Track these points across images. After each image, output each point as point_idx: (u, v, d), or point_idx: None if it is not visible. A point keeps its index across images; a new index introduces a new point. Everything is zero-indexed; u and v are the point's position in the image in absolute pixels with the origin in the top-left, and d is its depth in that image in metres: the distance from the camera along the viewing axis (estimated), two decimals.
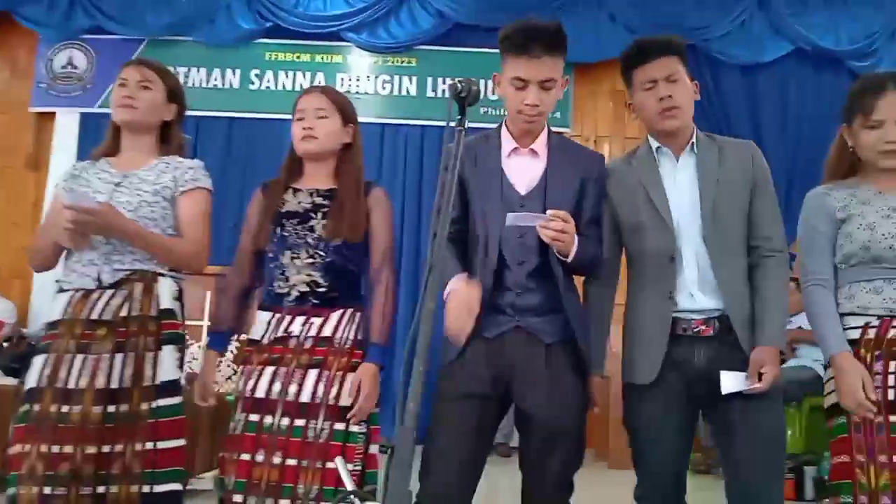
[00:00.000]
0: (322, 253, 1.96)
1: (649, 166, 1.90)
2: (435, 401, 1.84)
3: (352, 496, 1.40)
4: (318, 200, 2.01)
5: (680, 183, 1.87)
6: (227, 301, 2.09)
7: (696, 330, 1.79)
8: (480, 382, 1.80)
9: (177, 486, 1.91)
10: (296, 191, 2.05)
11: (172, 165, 2.10)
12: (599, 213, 1.92)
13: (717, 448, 1.86)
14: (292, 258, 1.97)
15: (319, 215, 1.99)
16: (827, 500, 1.81)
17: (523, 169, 1.90)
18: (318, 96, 2.07)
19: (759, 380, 1.72)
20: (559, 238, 1.73)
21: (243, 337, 2.19)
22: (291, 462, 1.84)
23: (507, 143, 1.92)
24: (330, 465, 1.83)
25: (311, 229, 1.98)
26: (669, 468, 1.81)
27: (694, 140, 1.89)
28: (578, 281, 1.94)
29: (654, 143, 1.92)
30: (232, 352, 3.69)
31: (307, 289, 1.96)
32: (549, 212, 1.73)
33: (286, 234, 1.99)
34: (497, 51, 1.89)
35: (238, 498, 1.84)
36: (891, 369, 1.74)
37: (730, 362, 1.76)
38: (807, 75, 6.40)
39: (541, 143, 1.93)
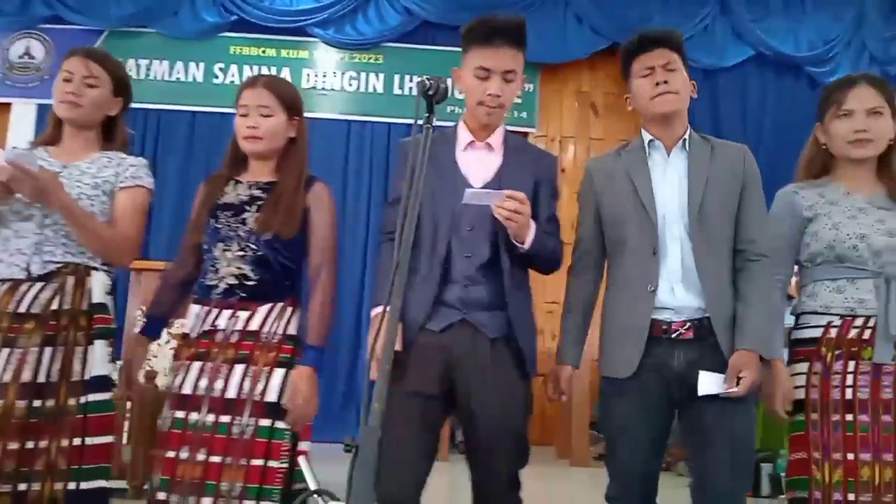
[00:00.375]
0: (253, 246, 1.92)
1: (638, 159, 1.89)
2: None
3: (315, 494, 1.38)
4: (256, 193, 1.98)
5: (668, 178, 1.86)
6: (165, 289, 2.07)
7: (675, 333, 1.77)
8: (427, 380, 1.79)
9: (104, 484, 1.88)
10: (237, 183, 2.02)
11: (115, 161, 2.06)
12: (554, 210, 1.93)
13: (688, 447, 1.87)
14: (224, 250, 1.93)
15: (254, 208, 1.95)
16: (782, 495, 1.84)
17: (479, 163, 1.90)
18: (262, 91, 2.00)
19: (737, 384, 1.72)
20: (513, 218, 1.71)
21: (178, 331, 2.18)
22: (215, 459, 1.81)
23: (464, 136, 1.93)
24: (255, 462, 1.81)
25: (244, 222, 1.94)
26: (643, 469, 1.80)
27: (687, 137, 1.88)
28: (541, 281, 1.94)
29: (647, 137, 1.91)
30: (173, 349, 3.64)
31: (236, 282, 1.92)
32: (505, 191, 1.72)
33: (219, 225, 1.95)
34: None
35: (162, 496, 1.81)
36: (849, 369, 1.78)
37: (709, 365, 1.75)
38: (767, 80, 6.53)
39: (497, 139, 1.93)
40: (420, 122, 1.49)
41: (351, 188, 6.26)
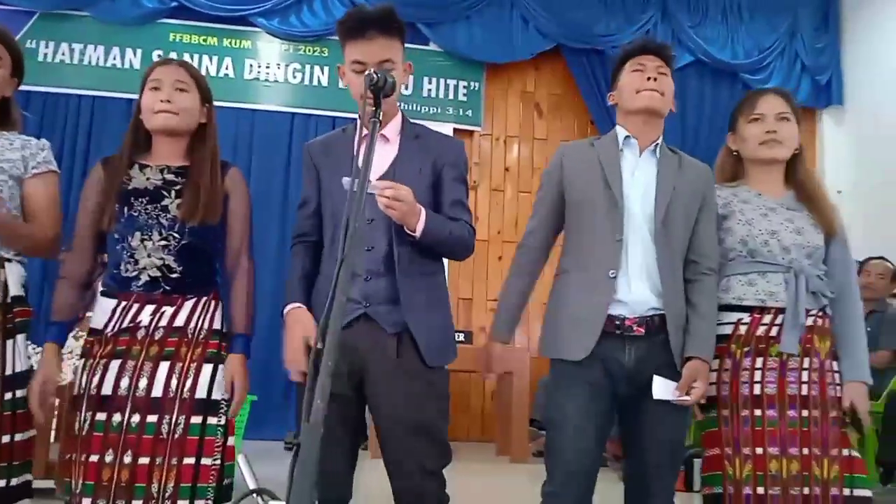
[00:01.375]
0: (177, 235, 1.86)
1: (611, 151, 1.92)
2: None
3: (255, 493, 1.35)
4: (170, 178, 1.90)
5: (637, 178, 1.89)
6: (68, 288, 1.92)
7: (628, 329, 1.80)
8: (337, 381, 1.75)
9: (30, 477, 1.84)
10: (143, 167, 1.92)
11: (19, 143, 1.97)
12: (460, 194, 1.92)
13: (624, 442, 1.90)
14: (142, 240, 1.84)
15: (172, 194, 1.88)
16: (698, 491, 1.90)
17: (374, 155, 1.89)
18: (177, 69, 1.95)
19: (688, 393, 1.77)
20: (392, 206, 1.70)
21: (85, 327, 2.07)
22: (144, 461, 1.76)
23: (361, 130, 1.92)
24: (187, 460, 1.77)
25: (165, 209, 1.87)
26: (585, 465, 1.80)
27: (659, 144, 1.93)
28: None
29: (623, 133, 1.94)
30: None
31: (158, 273, 1.85)
32: (375, 182, 1.71)
33: (135, 213, 1.86)
34: (412, 45, 1.90)
35: (87, 502, 1.74)
36: (757, 365, 1.85)
37: (658, 364, 1.79)
38: (705, 85, 6.72)
39: (392, 130, 1.92)
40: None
41: (293, 182, 6.15)
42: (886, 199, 6.04)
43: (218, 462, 1.82)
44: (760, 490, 1.78)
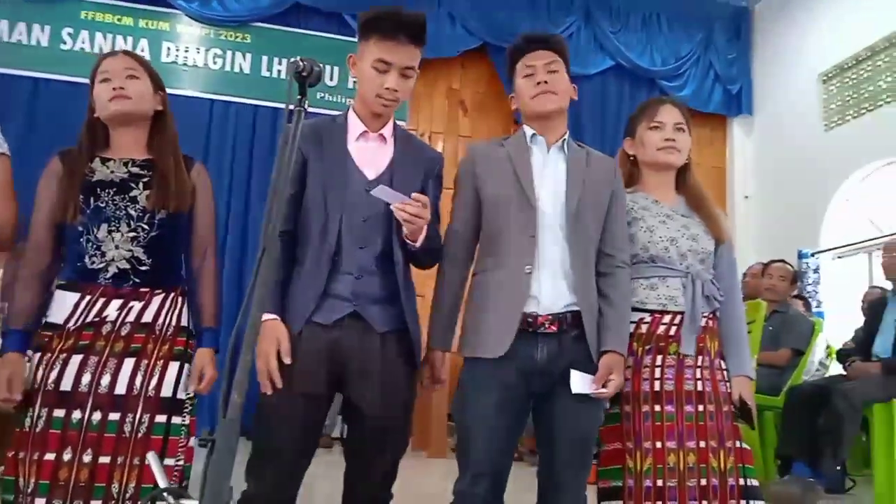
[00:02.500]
0: (146, 226, 1.81)
1: (520, 149, 1.93)
2: (264, 395, 1.74)
3: (165, 493, 1.30)
4: (136, 170, 1.85)
5: (546, 175, 1.90)
6: (25, 289, 1.79)
7: (540, 327, 1.81)
8: (315, 380, 1.73)
9: None
10: (105, 160, 1.86)
11: None
12: (437, 207, 1.93)
13: (538, 436, 1.92)
14: (110, 231, 1.78)
15: (141, 185, 1.83)
16: (597, 483, 1.95)
17: (371, 154, 1.87)
18: (126, 58, 1.90)
19: (605, 385, 1.80)
20: (413, 221, 1.70)
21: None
22: (104, 460, 1.69)
23: (356, 126, 1.88)
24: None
25: (134, 200, 1.81)
26: (497, 464, 1.81)
27: (567, 139, 1.94)
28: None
29: (529, 131, 1.95)
30: None
31: (127, 266, 1.79)
32: (413, 195, 1.71)
33: (102, 204, 1.79)
34: (336, 37, 1.87)
35: (41, 501, 1.65)
36: (657, 363, 1.92)
37: (570, 358, 1.81)
38: (624, 90, 6.92)
39: (389, 130, 1.91)
40: (292, 105, 1.43)
41: (211, 170, 5.93)
42: (789, 204, 6.38)
43: (181, 462, 1.76)
44: (660, 482, 1.84)
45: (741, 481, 1.86)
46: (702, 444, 1.86)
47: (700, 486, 1.84)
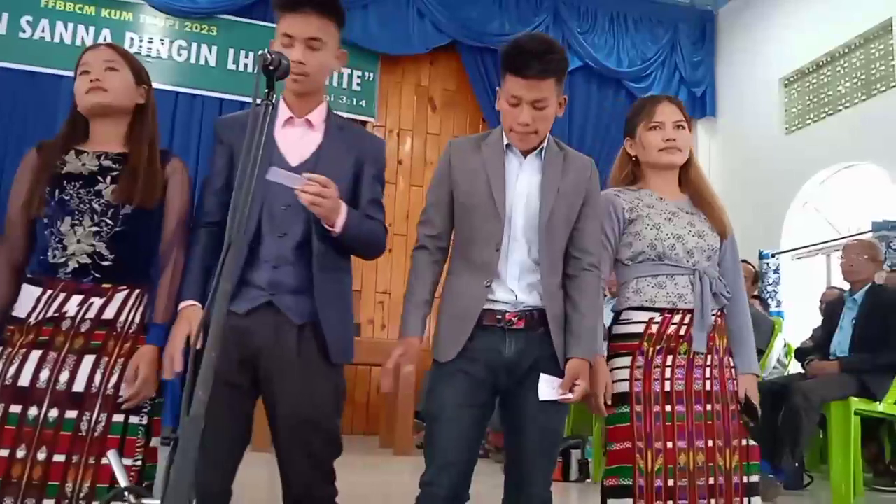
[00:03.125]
0: (110, 221, 1.76)
1: (496, 155, 1.90)
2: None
3: (126, 492, 1.27)
4: (107, 164, 1.80)
5: (521, 182, 1.88)
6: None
7: (508, 322, 1.81)
8: (228, 367, 1.67)
9: None
10: (79, 152, 1.82)
11: None
12: (378, 194, 1.90)
13: (504, 431, 1.93)
14: (73, 225, 1.74)
15: (108, 179, 1.78)
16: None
17: (297, 140, 1.83)
18: (107, 50, 1.87)
19: (572, 391, 1.79)
20: (317, 202, 1.66)
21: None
22: (59, 458, 1.64)
23: (283, 112, 1.84)
24: (106, 460, 1.65)
25: (98, 194, 1.76)
26: (462, 455, 1.81)
27: (544, 146, 1.90)
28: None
29: (506, 139, 1.90)
30: None
31: (88, 261, 1.74)
32: (305, 175, 1.66)
33: (66, 197, 1.75)
34: None
35: None
36: (668, 363, 1.93)
37: (539, 355, 1.81)
38: (592, 90, 6.98)
39: (318, 116, 1.87)
40: (259, 99, 1.41)
41: (199, 162, 5.88)
42: (751, 205, 6.49)
43: (139, 463, 1.71)
44: (671, 482, 1.85)
45: (745, 479, 1.89)
46: (710, 443, 1.88)
47: (708, 484, 1.86)
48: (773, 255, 6.20)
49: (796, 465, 3.98)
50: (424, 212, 1.94)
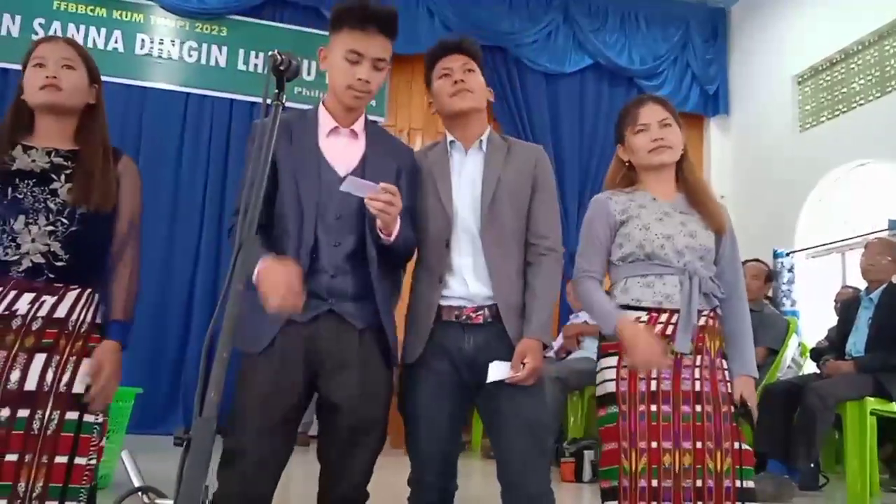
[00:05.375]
0: (65, 221, 1.75)
1: (441, 157, 2.01)
2: (239, 394, 1.72)
3: (140, 492, 1.27)
4: (59, 161, 1.79)
5: (464, 176, 1.98)
6: None
7: (466, 318, 1.88)
8: (291, 374, 1.72)
9: None
10: (27, 148, 1.80)
11: None
12: (412, 203, 1.94)
13: (486, 429, 1.96)
14: (27, 224, 1.72)
15: (63, 178, 1.77)
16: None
17: (342, 150, 1.85)
18: (65, 46, 1.84)
19: (522, 370, 1.83)
20: (386, 210, 1.70)
21: None
22: (11, 458, 1.63)
23: (327, 122, 1.87)
24: (59, 459, 1.66)
25: (54, 193, 1.75)
26: (439, 451, 1.87)
27: (484, 138, 2.01)
28: None
29: (449, 137, 2.03)
30: None
31: (42, 260, 1.73)
32: (381, 184, 1.70)
33: (20, 195, 1.73)
34: (314, 31, 1.86)
35: None
36: None
37: (497, 350, 1.86)
38: (602, 88, 6.94)
39: (360, 125, 1.90)
40: (269, 99, 1.41)
41: (186, 165, 5.89)
42: (764, 204, 6.45)
43: (93, 462, 1.71)
44: (655, 483, 1.84)
45: (737, 483, 1.85)
46: (698, 444, 1.86)
47: (696, 487, 1.83)
48: (787, 254, 6.15)
49: (811, 465, 3.95)
50: None
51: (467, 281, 1.89)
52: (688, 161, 2.09)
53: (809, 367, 4.79)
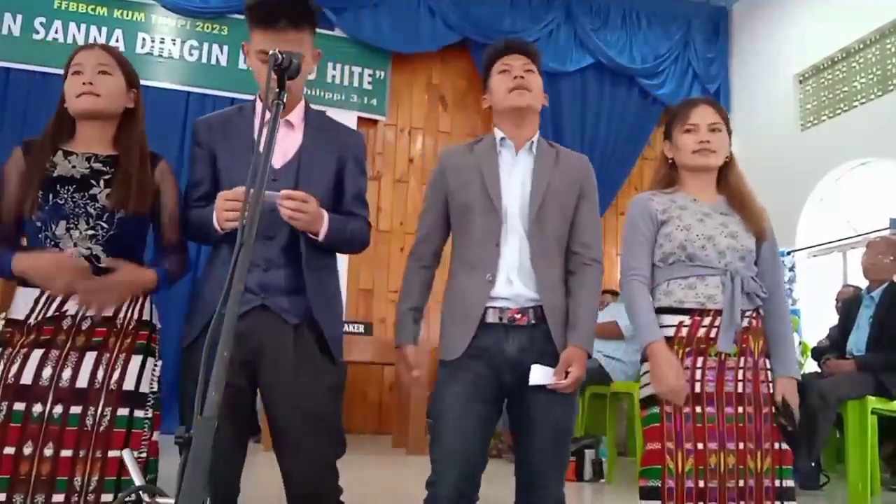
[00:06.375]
0: (105, 224, 1.78)
1: (489, 155, 1.98)
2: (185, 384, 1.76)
3: (141, 491, 1.28)
4: (98, 167, 1.82)
5: (514, 176, 1.95)
6: None
7: (510, 318, 1.85)
8: (229, 370, 1.71)
9: None
10: (67, 154, 1.82)
11: None
12: (361, 188, 1.94)
13: (513, 430, 1.94)
14: (68, 229, 1.76)
15: (102, 183, 1.80)
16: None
17: (279, 142, 1.82)
18: (101, 52, 1.87)
19: (566, 378, 1.81)
20: (296, 217, 1.71)
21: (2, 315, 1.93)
22: (66, 453, 1.66)
23: (261, 114, 1.86)
24: (112, 453, 1.68)
25: (94, 198, 1.78)
26: (468, 454, 1.82)
27: (535, 140, 1.99)
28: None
29: (499, 135, 2.00)
30: None
31: (86, 263, 1.76)
32: (282, 192, 1.70)
33: (61, 201, 1.76)
34: (318, 30, 1.85)
35: (0, 497, 1.62)
36: (698, 364, 1.92)
37: (540, 352, 1.84)
38: (604, 87, 6.93)
39: (297, 116, 1.89)
40: (271, 98, 1.41)
41: (187, 163, 5.89)
42: (765, 202, 6.43)
43: (144, 455, 1.73)
44: (701, 483, 1.85)
45: (777, 482, 1.87)
46: (741, 445, 1.87)
47: (738, 487, 1.84)
48: (788, 253, 6.14)
49: (812, 464, 3.95)
50: (419, 217, 2.00)
51: (512, 282, 1.87)
52: (733, 167, 2.09)
53: (810, 366, 4.79)
